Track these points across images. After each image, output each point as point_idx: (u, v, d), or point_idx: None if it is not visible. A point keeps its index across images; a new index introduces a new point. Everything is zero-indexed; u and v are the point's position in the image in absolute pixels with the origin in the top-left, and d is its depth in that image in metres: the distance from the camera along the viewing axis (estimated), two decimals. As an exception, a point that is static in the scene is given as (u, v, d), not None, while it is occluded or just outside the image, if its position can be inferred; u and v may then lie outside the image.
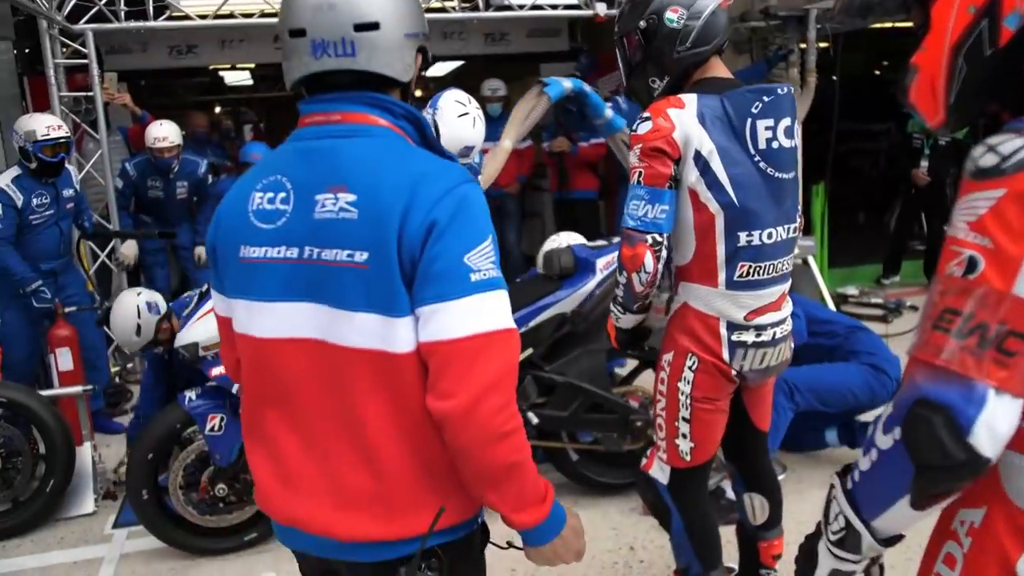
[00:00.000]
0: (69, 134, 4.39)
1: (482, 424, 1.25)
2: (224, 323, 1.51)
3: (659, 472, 2.38)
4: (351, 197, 1.29)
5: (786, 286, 2.27)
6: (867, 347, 3.78)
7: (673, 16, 2.10)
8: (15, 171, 4.31)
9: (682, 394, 2.23)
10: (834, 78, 6.78)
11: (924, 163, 6.95)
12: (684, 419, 2.25)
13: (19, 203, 4.19)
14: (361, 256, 1.27)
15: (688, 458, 2.30)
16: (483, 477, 1.31)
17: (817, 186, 6.39)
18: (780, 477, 3.59)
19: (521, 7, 5.87)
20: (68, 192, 4.48)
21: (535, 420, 3.35)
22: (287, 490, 1.40)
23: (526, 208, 7.46)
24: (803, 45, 5.72)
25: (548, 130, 6.84)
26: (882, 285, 7.28)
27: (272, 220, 1.35)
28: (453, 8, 5.88)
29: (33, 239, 4.32)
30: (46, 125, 4.26)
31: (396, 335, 1.28)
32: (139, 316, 3.46)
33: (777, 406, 3.21)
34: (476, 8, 5.85)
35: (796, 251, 2.32)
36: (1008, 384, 0.93)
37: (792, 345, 2.35)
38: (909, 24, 1.14)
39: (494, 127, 4.50)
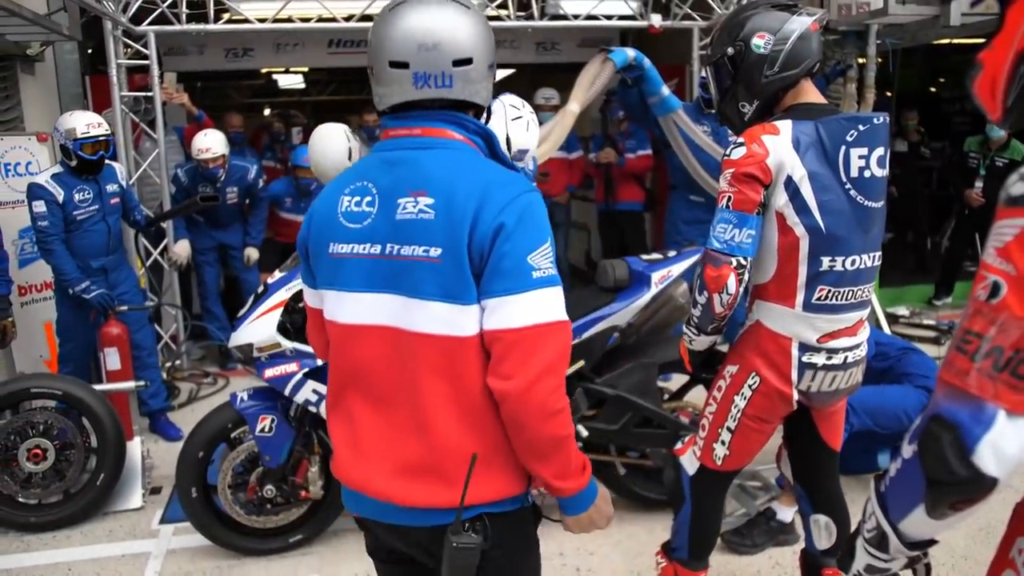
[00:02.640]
0: (109, 132, 4.37)
1: (538, 402, 1.43)
2: (314, 314, 1.69)
3: (688, 462, 2.47)
4: (429, 200, 1.47)
5: (864, 312, 2.25)
6: (920, 369, 3.70)
7: (760, 42, 2.12)
8: (56, 168, 4.34)
9: (735, 407, 2.29)
10: (888, 94, 6.66)
11: (979, 184, 6.81)
12: (728, 429, 2.32)
13: (60, 198, 4.20)
14: (435, 252, 1.45)
15: (719, 462, 2.38)
16: (535, 449, 1.49)
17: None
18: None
19: (576, 17, 5.87)
20: (112, 188, 4.47)
21: (584, 433, 3.31)
22: (356, 456, 1.57)
23: (571, 219, 7.45)
24: (861, 60, 5.62)
25: (595, 141, 6.82)
26: (934, 306, 7.13)
27: (359, 221, 1.54)
28: (508, 16, 5.89)
29: (80, 236, 4.34)
30: (86, 123, 4.25)
31: (463, 322, 1.45)
32: (348, 140, 3.45)
33: None
34: (531, 17, 5.85)
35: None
36: (1022, 408, 0.95)
37: (863, 368, 2.32)
38: (966, 41, 1.13)
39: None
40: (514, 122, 3.12)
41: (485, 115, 1.63)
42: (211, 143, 5.47)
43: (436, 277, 1.45)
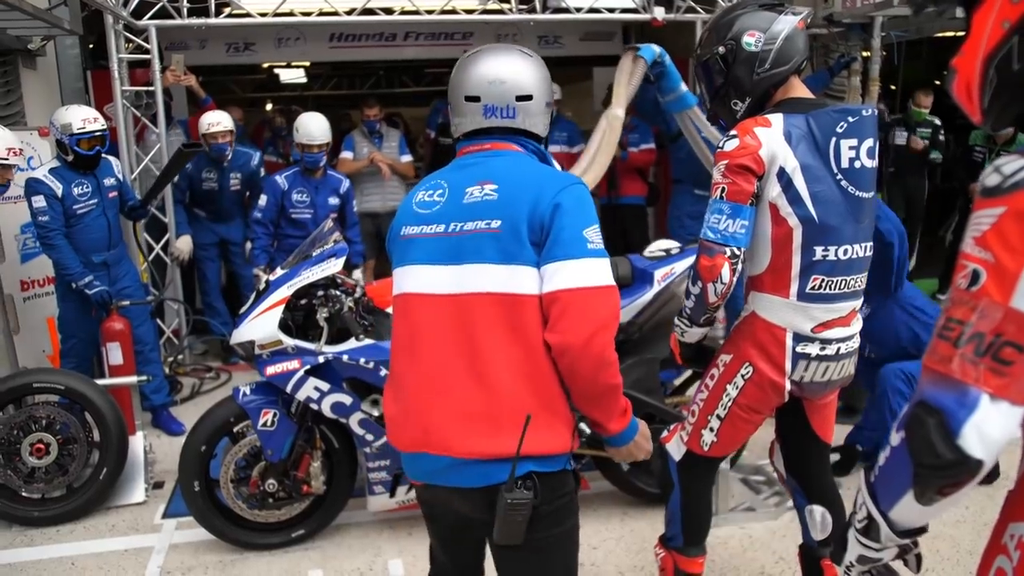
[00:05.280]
0: (105, 127, 4.34)
1: (595, 354, 1.65)
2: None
3: (675, 448, 2.53)
4: (494, 186, 1.75)
5: (858, 303, 2.29)
6: None
7: (751, 40, 2.19)
8: (53, 163, 4.33)
9: (726, 395, 2.34)
10: (892, 87, 6.63)
11: (984, 177, 6.75)
12: (718, 417, 2.37)
13: (59, 193, 4.19)
14: (496, 223, 1.71)
15: (706, 448, 2.44)
16: (592, 395, 1.72)
17: (873, 197, 6.24)
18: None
19: (578, 10, 5.85)
20: (109, 181, 4.46)
21: (588, 430, 3.31)
22: (407, 418, 1.77)
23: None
24: (866, 53, 5.59)
25: (598, 134, 6.79)
26: (938, 300, 7.11)
27: (429, 208, 1.82)
28: (510, 10, 5.87)
29: (81, 230, 4.33)
30: (82, 118, 4.22)
31: (519, 281, 1.69)
32: None
33: (901, 395, 3.49)
34: (533, 10, 5.83)
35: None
36: (1005, 391, 0.99)
37: (856, 361, 2.35)
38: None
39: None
40: None
41: (544, 144, 1.93)
42: (220, 118, 5.51)
43: (495, 244, 1.70)
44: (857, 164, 2.15)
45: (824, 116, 2.13)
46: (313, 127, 5.16)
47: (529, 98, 1.82)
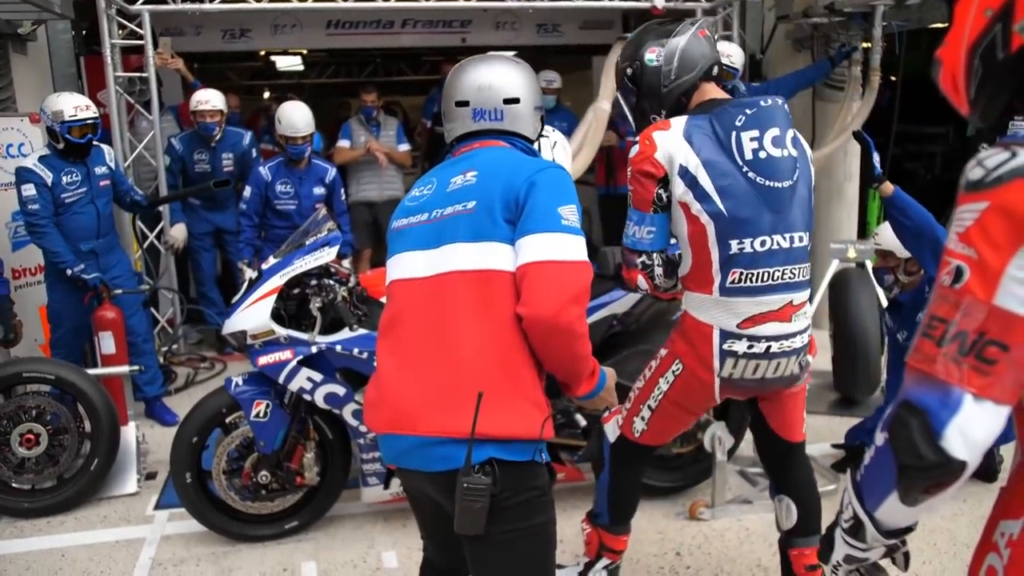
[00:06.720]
0: (97, 115, 4.29)
1: (565, 326, 1.66)
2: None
3: (611, 430, 2.61)
4: (475, 172, 1.82)
5: (793, 296, 2.26)
6: None
7: (652, 56, 2.28)
8: (43, 151, 4.27)
9: (658, 389, 2.42)
10: (893, 78, 6.55)
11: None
12: (649, 407, 2.46)
13: (49, 181, 4.13)
14: (471, 204, 1.77)
15: (637, 436, 2.52)
16: (564, 364, 1.76)
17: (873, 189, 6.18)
18: (830, 487, 3.50)
19: (577, -3, 5.78)
20: (101, 170, 4.40)
21: (583, 422, 3.28)
22: (385, 398, 1.77)
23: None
24: (867, 44, 5.53)
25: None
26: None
27: (417, 200, 1.90)
28: (509, -4, 5.80)
29: (69, 218, 4.27)
30: (74, 105, 4.17)
31: (492, 257, 1.72)
32: None
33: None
34: (532, -3, 5.76)
35: (805, 261, 2.32)
36: (988, 391, 0.96)
37: (804, 362, 2.35)
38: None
39: (549, 119, 4.42)
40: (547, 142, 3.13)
41: (538, 146, 1.98)
42: (210, 96, 5.51)
43: (469, 223, 1.74)
44: (762, 154, 2.17)
45: (724, 113, 2.19)
46: (296, 118, 5.07)
47: (516, 101, 1.91)
